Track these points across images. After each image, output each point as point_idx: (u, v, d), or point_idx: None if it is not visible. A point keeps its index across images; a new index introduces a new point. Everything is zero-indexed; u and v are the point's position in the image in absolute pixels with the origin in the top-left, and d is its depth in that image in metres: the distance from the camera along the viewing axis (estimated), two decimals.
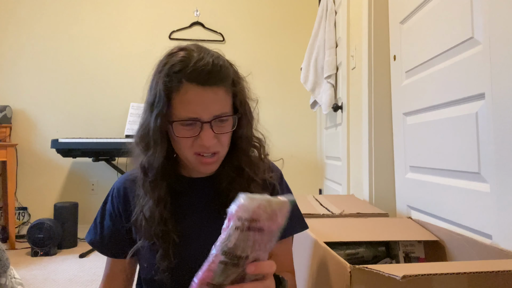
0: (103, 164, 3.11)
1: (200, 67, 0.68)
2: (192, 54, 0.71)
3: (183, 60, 0.70)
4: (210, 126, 0.71)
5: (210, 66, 0.69)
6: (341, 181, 2.31)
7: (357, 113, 1.94)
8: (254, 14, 3.31)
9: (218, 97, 0.70)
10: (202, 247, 0.78)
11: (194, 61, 0.69)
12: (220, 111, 0.71)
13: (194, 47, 0.74)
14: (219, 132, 0.73)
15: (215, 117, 0.71)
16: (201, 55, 0.71)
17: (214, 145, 0.73)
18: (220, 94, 0.71)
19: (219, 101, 0.71)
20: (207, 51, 0.73)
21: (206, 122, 0.70)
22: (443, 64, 1.22)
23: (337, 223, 1.18)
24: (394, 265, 0.68)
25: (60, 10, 3.15)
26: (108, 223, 0.84)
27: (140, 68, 3.15)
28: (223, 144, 0.75)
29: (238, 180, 0.79)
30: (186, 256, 0.77)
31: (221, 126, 0.73)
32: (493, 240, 0.96)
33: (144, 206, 0.77)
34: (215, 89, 0.70)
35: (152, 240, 0.76)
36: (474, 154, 1.04)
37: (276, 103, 3.27)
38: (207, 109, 0.70)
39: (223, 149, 0.76)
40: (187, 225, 0.80)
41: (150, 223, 0.76)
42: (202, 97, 0.69)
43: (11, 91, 3.08)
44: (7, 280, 0.92)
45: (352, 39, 2.05)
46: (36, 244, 2.57)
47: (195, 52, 0.72)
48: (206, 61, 0.69)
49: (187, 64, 0.69)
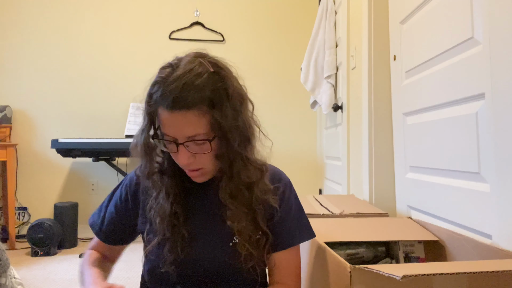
0: (103, 164, 3.11)
1: (167, 92, 0.68)
2: (170, 73, 0.70)
3: (158, 82, 0.71)
4: (185, 146, 0.72)
5: (177, 91, 0.68)
6: (341, 181, 2.31)
7: (357, 113, 1.94)
8: (254, 14, 3.31)
9: (188, 120, 0.69)
10: (207, 245, 0.80)
11: (164, 85, 0.69)
12: (193, 133, 0.70)
13: (185, 61, 0.72)
14: (196, 152, 0.73)
15: (188, 139, 0.71)
16: (177, 75, 0.69)
17: (193, 163, 0.74)
18: (190, 117, 0.69)
19: (190, 124, 0.70)
20: (189, 69, 0.70)
21: (180, 143, 0.72)
22: (443, 64, 1.22)
23: (337, 223, 1.18)
24: (394, 265, 0.68)
25: (60, 10, 3.15)
26: (111, 210, 0.88)
27: (140, 68, 3.15)
28: (204, 163, 0.75)
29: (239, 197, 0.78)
30: (192, 252, 0.80)
31: (197, 147, 0.73)
32: (493, 240, 0.96)
33: (157, 202, 0.80)
34: (184, 113, 0.69)
35: (163, 233, 0.79)
36: (474, 154, 1.04)
37: (276, 103, 3.27)
38: (179, 132, 0.71)
39: (206, 166, 0.76)
40: (195, 222, 0.82)
41: (162, 216, 0.78)
42: (172, 121, 0.70)
43: (11, 91, 3.08)
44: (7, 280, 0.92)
45: (352, 39, 2.05)
46: (36, 244, 2.57)
47: (176, 70, 0.70)
48: (176, 84, 0.68)
49: (159, 88, 0.70)
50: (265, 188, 0.81)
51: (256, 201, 0.79)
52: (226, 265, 0.79)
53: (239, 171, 0.76)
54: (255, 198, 0.79)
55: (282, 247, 0.83)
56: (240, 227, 0.77)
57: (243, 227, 0.77)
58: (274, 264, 0.84)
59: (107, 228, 0.88)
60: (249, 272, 0.79)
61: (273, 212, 0.82)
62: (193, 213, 0.83)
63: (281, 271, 0.84)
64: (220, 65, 0.74)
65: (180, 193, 0.82)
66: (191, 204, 0.83)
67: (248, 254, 0.78)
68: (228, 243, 0.80)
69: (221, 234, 0.81)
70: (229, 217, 0.78)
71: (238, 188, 0.77)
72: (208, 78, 0.70)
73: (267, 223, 0.82)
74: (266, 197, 0.80)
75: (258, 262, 0.80)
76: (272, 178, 0.85)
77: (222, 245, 0.80)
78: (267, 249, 0.82)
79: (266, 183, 0.81)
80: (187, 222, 0.81)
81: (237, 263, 0.78)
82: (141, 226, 0.86)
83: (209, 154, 0.74)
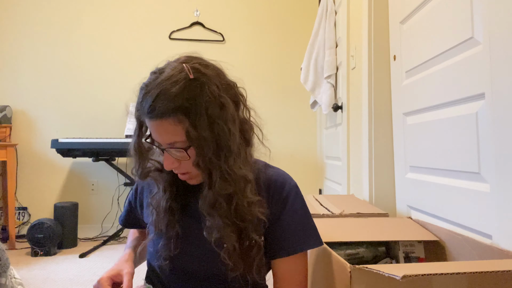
0: (103, 164, 3.11)
1: (145, 101, 0.71)
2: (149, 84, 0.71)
3: (142, 89, 0.73)
4: (168, 152, 0.74)
5: (152, 100, 0.69)
6: (341, 181, 2.31)
7: (357, 113, 1.94)
8: (254, 14, 3.31)
9: (164, 128, 0.70)
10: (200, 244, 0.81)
11: (144, 93, 0.71)
12: (170, 140, 0.71)
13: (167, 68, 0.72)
14: (178, 158, 0.74)
15: (168, 146, 0.72)
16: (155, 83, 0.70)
17: (178, 168, 0.76)
18: (166, 126, 0.70)
19: (167, 132, 0.71)
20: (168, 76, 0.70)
21: (163, 149, 0.74)
22: (443, 64, 1.22)
23: (337, 223, 1.18)
24: (394, 265, 0.68)
25: (60, 10, 3.15)
26: (130, 198, 0.98)
27: (140, 68, 3.15)
28: (188, 169, 0.76)
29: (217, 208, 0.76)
30: (185, 248, 0.81)
31: (179, 153, 0.73)
32: (493, 240, 0.96)
33: (155, 196, 0.83)
34: (159, 122, 0.70)
35: (159, 228, 0.81)
36: (474, 154, 1.04)
37: (276, 103, 3.27)
38: (160, 138, 0.73)
39: (191, 171, 0.76)
40: (191, 220, 0.83)
41: (158, 211, 0.81)
42: (152, 127, 0.72)
43: (11, 91, 3.08)
44: (7, 280, 0.92)
45: (352, 39, 2.05)
46: (36, 244, 2.57)
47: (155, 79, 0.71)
48: (151, 94, 0.69)
49: (140, 95, 0.72)
50: (249, 200, 0.75)
51: (235, 214, 0.75)
52: (216, 266, 0.79)
53: (216, 181, 0.73)
54: (234, 210, 0.75)
55: (284, 254, 0.80)
56: (216, 238, 0.75)
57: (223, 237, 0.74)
58: (276, 272, 0.82)
59: (124, 216, 1.00)
60: (235, 281, 0.78)
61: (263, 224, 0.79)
62: (189, 211, 0.83)
63: (285, 280, 0.81)
64: (203, 71, 0.71)
65: (178, 191, 0.83)
66: (187, 202, 0.84)
67: (234, 263, 0.75)
68: (222, 244, 0.78)
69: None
70: (206, 228, 0.76)
71: (216, 199, 0.74)
72: (184, 86, 0.69)
73: (262, 230, 0.79)
74: (251, 209, 0.76)
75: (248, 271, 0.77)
76: (274, 183, 0.83)
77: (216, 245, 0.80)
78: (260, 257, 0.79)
79: (248, 196, 0.75)
80: (182, 219, 0.82)
81: (224, 268, 0.77)
82: (146, 218, 0.90)
83: (189, 161, 0.74)
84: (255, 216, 0.76)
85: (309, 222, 0.84)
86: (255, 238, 0.78)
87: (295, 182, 0.86)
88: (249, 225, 0.77)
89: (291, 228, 0.81)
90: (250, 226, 0.77)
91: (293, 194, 0.83)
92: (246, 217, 0.76)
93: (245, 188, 0.75)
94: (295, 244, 0.81)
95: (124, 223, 1.01)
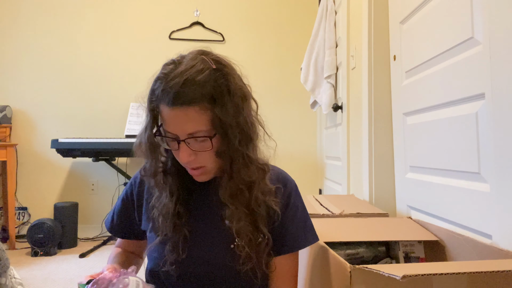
0: (103, 164, 3.11)
1: (168, 89, 0.68)
2: (172, 70, 0.70)
3: (160, 78, 0.71)
4: (186, 143, 0.71)
5: (178, 87, 0.68)
6: (341, 181, 2.31)
7: (357, 113, 1.94)
8: (254, 14, 3.31)
9: (188, 117, 0.69)
10: (208, 246, 0.80)
11: (165, 82, 0.69)
12: (193, 130, 0.70)
13: (188, 58, 0.72)
14: (197, 149, 0.72)
15: (189, 136, 0.71)
16: (179, 71, 0.69)
17: (194, 161, 0.74)
18: (191, 114, 0.69)
19: (191, 121, 0.69)
20: (191, 66, 0.70)
21: (181, 140, 0.71)
22: (443, 64, 1.22)
23: (337, 223, 1.18)
24: (394, 265, 0.68)
25: (60, 10, 3.15)
26: (119, 204, 0.91)
27: (140, 68, 3.15)
28: (206, 161, 0.75)
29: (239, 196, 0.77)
30: (193, 252, 0.80)
31: (198, 144, 0.72)
32: (493, 240, 0.96)
33: (160, 202, 0.80)
34: (184, 109, 0.68)
35: (165, 232, 0.79)
36: (474, 154, 1.04)
37: (276, 103, 3.27)
38: (180, 128, 0.70)
39: (207, 164, 0.75)
40: (197, 223, 0.82)
41: (165, 215, 0.78)
42: (173, 117, 0.70)
43: (11, 91, 3.08)
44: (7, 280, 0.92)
45: (352, 39, 2.05)
46: (36, 244, 2.57)
47: (179, 66, 0.70)
48: (177, 79, 0.68)
49: (161, 84, 0.70)
50: (266, 189, 0.79)
51: (256, 202, 0.78)
52: (226, 267, 0.79)
53: (239, 169, 0.75)
54: (255, 199, 0.78)
55: (286, 250, 0.82)
56: (238, 227, 0.76)
57: (241, 227, 0.76)
58: (275, 268, 0.83)
59: (116, 223, 0.91)
60: (247, 275, 0.78)
61: (274, 215, 0.81)
62: (195, 214, 0.82)
63: (282, 276, 0.83)
64: (223, 62, 0.74)
65: (183, 193, 0.82)
66: (193, 205, 0.83)
67: (247, 256, 0.76)
68: (230, 245, 0.79)
69: (223, 236, 0.80)
70: (227, 217, 0.77)
71: (238, 187, 0.76)
72: (210, 74, 0.70)
73: (268, 226, 0.81)
74: (266, 199, 0.78)
75: (258, 265, 0.79)
76: (277, 180, 0.84)
77: (223, 246, 0.80)
78: (268, 253, 0.80)
79: (267, 184, 0.79)
80: (189, 222, 0.81)
81: (236, 265, 0.78)
82: (144, 224, 0.87)
83: (210, 151, 0.73)
84: (270, 205, 0.79)
85: (308, 219, 0.87)
86: (264, 231, 0.79)
87: (295, 181, 0.89)
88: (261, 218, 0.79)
89: (293, 226, 0.83)
90: (262, 218, 0.79)
91: (294, 192, 0.86)
92: (261, 206, 0.78)
93: (265, 176, 0.79)
94: (296, 242, 0.83)
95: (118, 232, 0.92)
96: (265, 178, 0.79)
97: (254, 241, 0.78)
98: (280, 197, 0.82)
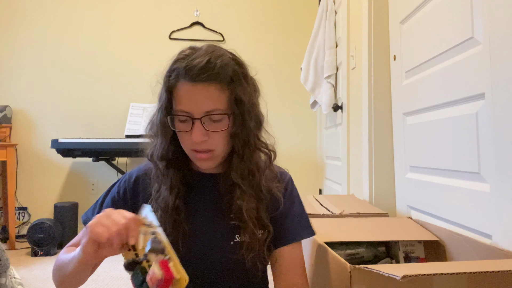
0: (103, 164, 3.11)
1: (192, 64, 0.70)
2: (193, 53, 0.73)
3: (182, 58, 0.73)
4: (201, 122, 0.72)
5: (203, 63, 0.70)
6: (341, 181, 2.31)
7: (357, 113, 1.94)
8: (254, 14, 3.31)
9: (209, 94, 0.71)
10: (208, 242, 0.80)
11: (188, 60, 0.71)
12: (212, 107, 0.71)
13: (205, 47, 0.76)
14: (211, 129, 0.73)
15: (206, 114, 0.72)
16: (200, 53, 0.73)
17: (206, 142, 0.74)
18: (212, 91, 0.71)
19: (211, 98, 0.71)
20: (212, 50, 0.74)
21: (196, 118, 0.72)
22: (443, 64, 1.22)
23: (337, 223, 1.18)
24: (394, 265, 0.68)
25: (60, 10, 3.15)
26: (108, 204, 0.85)
27: (140, 68, 3.14)
28: (217, 143, 0.75)
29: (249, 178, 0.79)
30: (192, 248, 0.79)
31: (213, 124, 0.73)
32: (493, 240, 0.96)
33: (158, 195, 0.80)
34: (206, 86, 0.71)
35: (164, 227, 0.77)
36: (474, 154, 1.04)
37: (276, 103, 3.26)
38: (197, 106, 0.71)
39: (217, 147, 0.76)
40: (197, 218, 0.82)
41: (165, 209, 0.78)
42: (192, 94, 0.71)
43: (11, 91, 3.08)
44: (7, 280, 0.92)
45: (352, 39, 2.05)
46: (36, 244, 2.57)
47: (198, 51, 0.74)
48: (200, 59, 0.71)
49: (182, 62, 0.72)
50: (271, 174, 0.82)
51: (262, 187, 0.80)
52: (227, 262, 0.79)
53: (250, 152, 0.78)
54: (262, 183, 0.80)
55: (284, 242, 0.83)
56: (248, 207, 0.77)
57: (251, 208, 0.77)
58: (276, 260, 0.83)
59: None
60: (247, 271, 0.79)
61: (277, 204, 0.82)
62: (195, 209, 0.82)
63: (285, 266, 0.83)
64: (237, 55, 0.79)
65: (183, 188, 0.81)
66: (192, 200, 0.83)
67: (247, 251, 0.77)
68: (229, 241, 0.79)
69: (222, 232, 0.80)
70: (239, 196, 0.78)
71: (249, 168, 0.78)
72: (229, 60, 0.74)
73: (270, 215, 0.82)
74: (270, 185, 0.81)
75: (258, 260, 0.79)
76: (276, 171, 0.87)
77: (223, 242, 0.80)
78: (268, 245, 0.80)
79: (272, 169, 0.83)
80: (188, 217, 0.80)
81: (236, 262, 0.78)
82: None
83: (223, 133, 0.74)
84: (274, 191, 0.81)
85: (304, 212, 0.89)
86: (266, 222, 0.80)
87: (290, 176, 0.92)
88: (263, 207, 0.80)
89: (290, 216, 0.85)
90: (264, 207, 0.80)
91: (291, 184, 0.89)
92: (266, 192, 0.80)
93: (271, 162, 0.83)
94: (293, 233, 0.84)
95: None
96: (271, 163, 0.83)
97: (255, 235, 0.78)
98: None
